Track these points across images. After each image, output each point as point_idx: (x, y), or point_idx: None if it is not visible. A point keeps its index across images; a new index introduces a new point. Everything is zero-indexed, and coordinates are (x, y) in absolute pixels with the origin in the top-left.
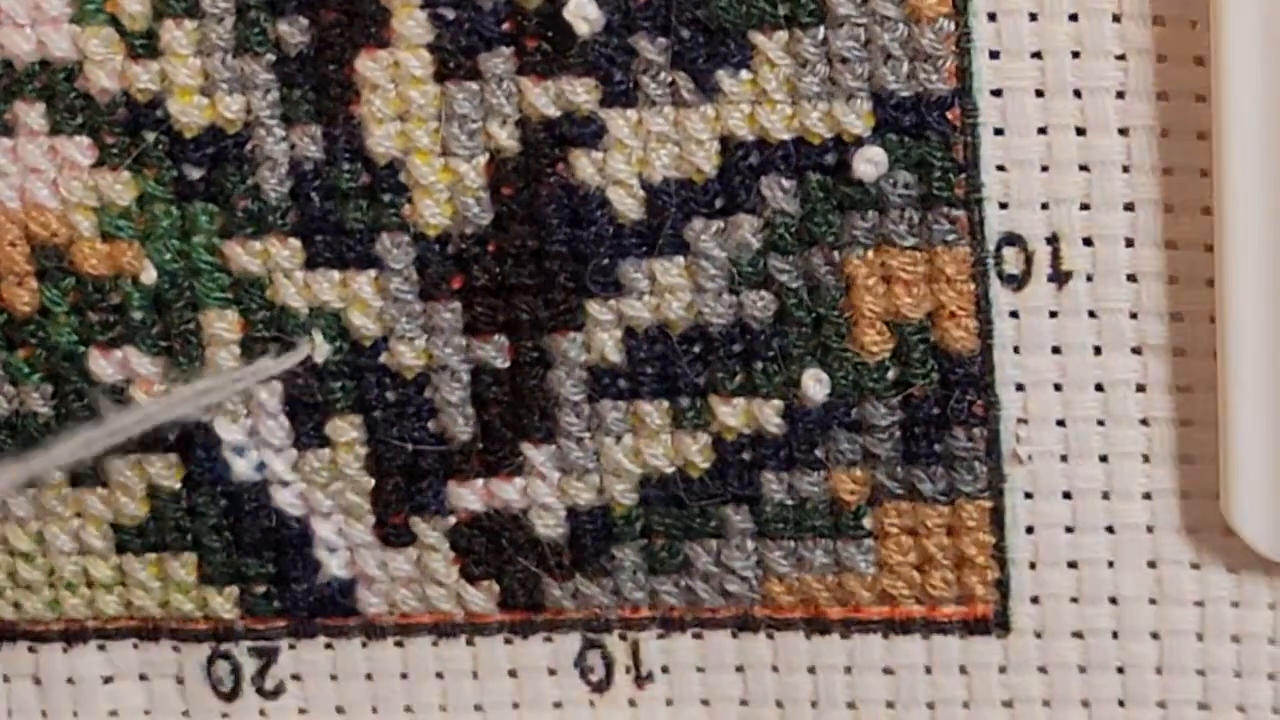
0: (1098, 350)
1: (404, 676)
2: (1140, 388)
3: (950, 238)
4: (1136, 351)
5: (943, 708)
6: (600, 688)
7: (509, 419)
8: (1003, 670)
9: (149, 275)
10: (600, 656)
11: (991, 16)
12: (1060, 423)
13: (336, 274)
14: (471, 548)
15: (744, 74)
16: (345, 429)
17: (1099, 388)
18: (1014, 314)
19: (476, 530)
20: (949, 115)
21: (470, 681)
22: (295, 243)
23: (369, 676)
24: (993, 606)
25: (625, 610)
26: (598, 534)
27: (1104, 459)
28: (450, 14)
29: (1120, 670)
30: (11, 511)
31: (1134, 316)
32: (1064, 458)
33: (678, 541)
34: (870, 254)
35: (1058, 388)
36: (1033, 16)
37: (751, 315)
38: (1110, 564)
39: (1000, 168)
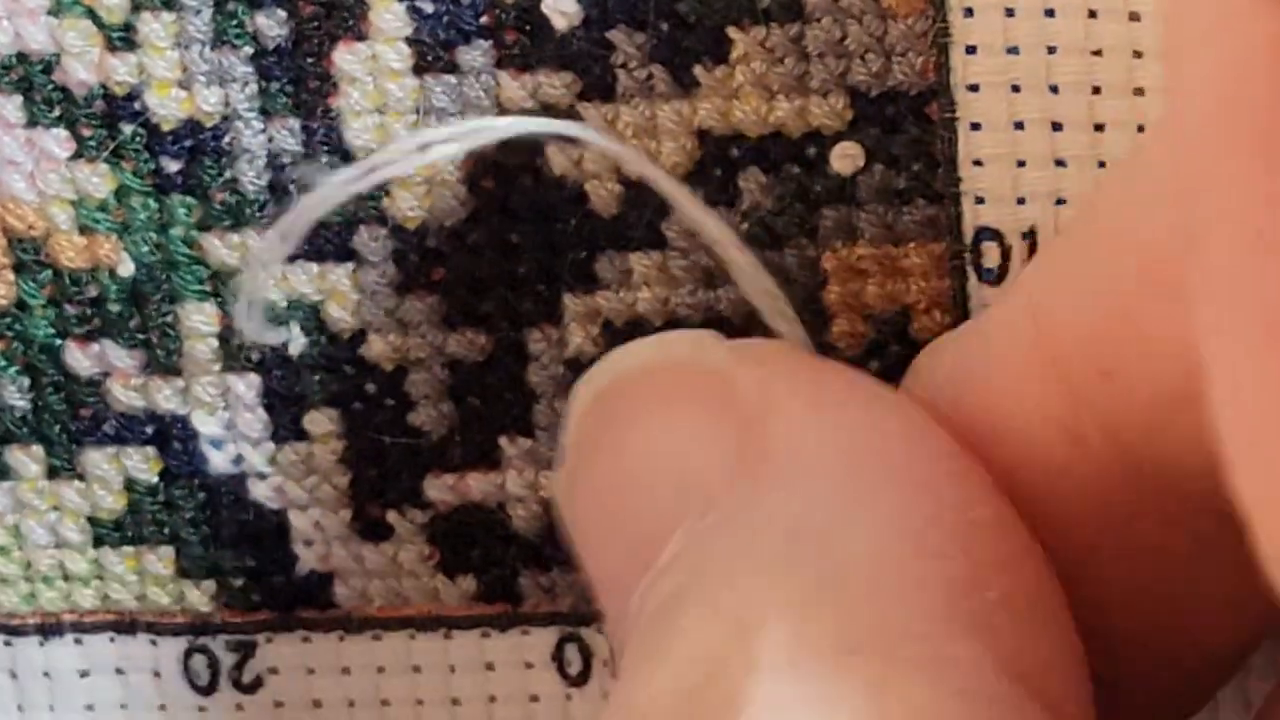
0: None
1: (380, 670)
2: None
3: (927, 233)
4: None
5: None
6: (578, 681)
7: (486, 413)
8: None
9: (126, 268)
10: (578, 649)
11: (969, 11)
12: None
13: (314, 266)
14: (449, 541)
15: (721, 68)
16: (322, 422)
17: None
18: None
19: (454, 524)
20: (926, 110)
21: (447, 675)
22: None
23: (345, 670)
24: None
25: None
26: None
27: None
28: (429, 7)
29: None
30: None
31: None
32: None
33: None
34: (846, 249)
35: None
36: (1009, 12)
37: (728, 309)
38: None
39: (977, 163)
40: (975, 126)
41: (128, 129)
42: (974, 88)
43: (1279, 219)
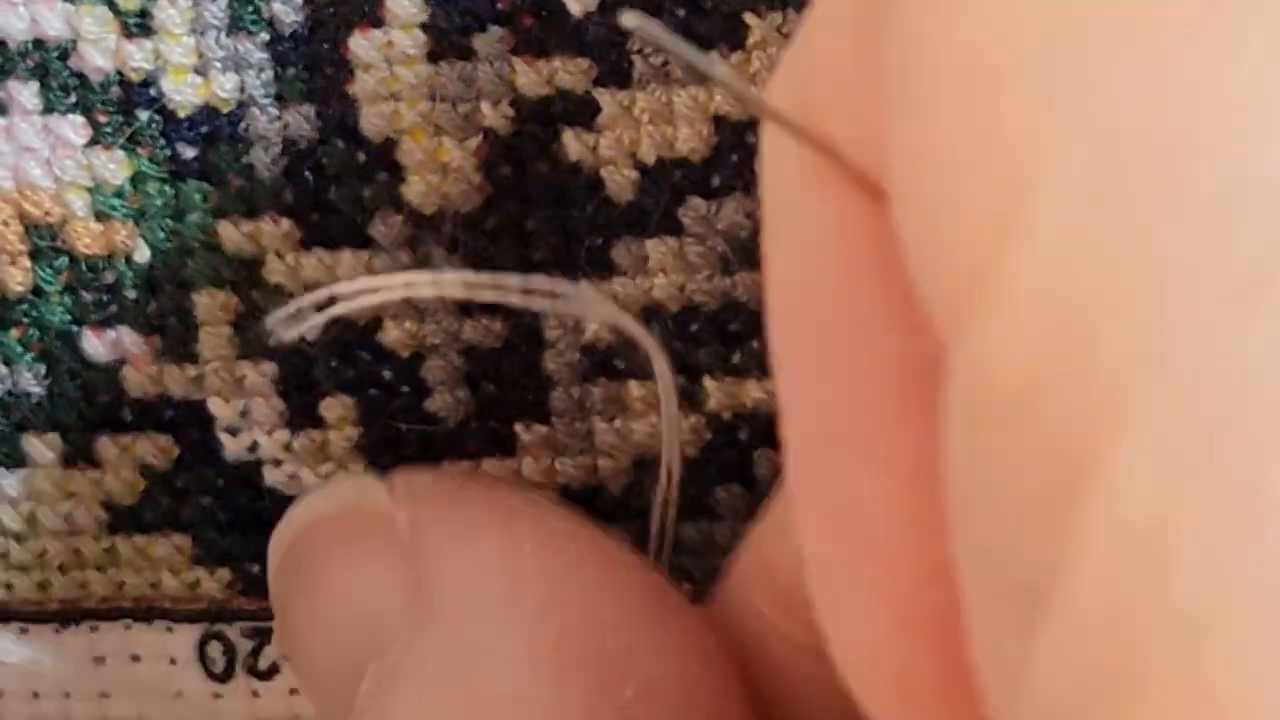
0: None
1: None
2: None
3: None
4: None
5: None
6: None
7: (502, 399)
8: None
9: (142, 254)
10: None
11: None
12: None
13: (329, 254)
14: None
15: (738, 54)
16: (338, 409)
17: None
18: None
19: None
20: None
21: None
22: (288, 222)
23: None
24: None
25: None
26: (590, 514)
27: None
28: None
29: None
30: (3, 492)
31: None
32: None
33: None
34: None
35: None
36: None
37: (744, 295)
38: None
39: None
40: None
41: (144, 115)
42: None
43: (821, 419)
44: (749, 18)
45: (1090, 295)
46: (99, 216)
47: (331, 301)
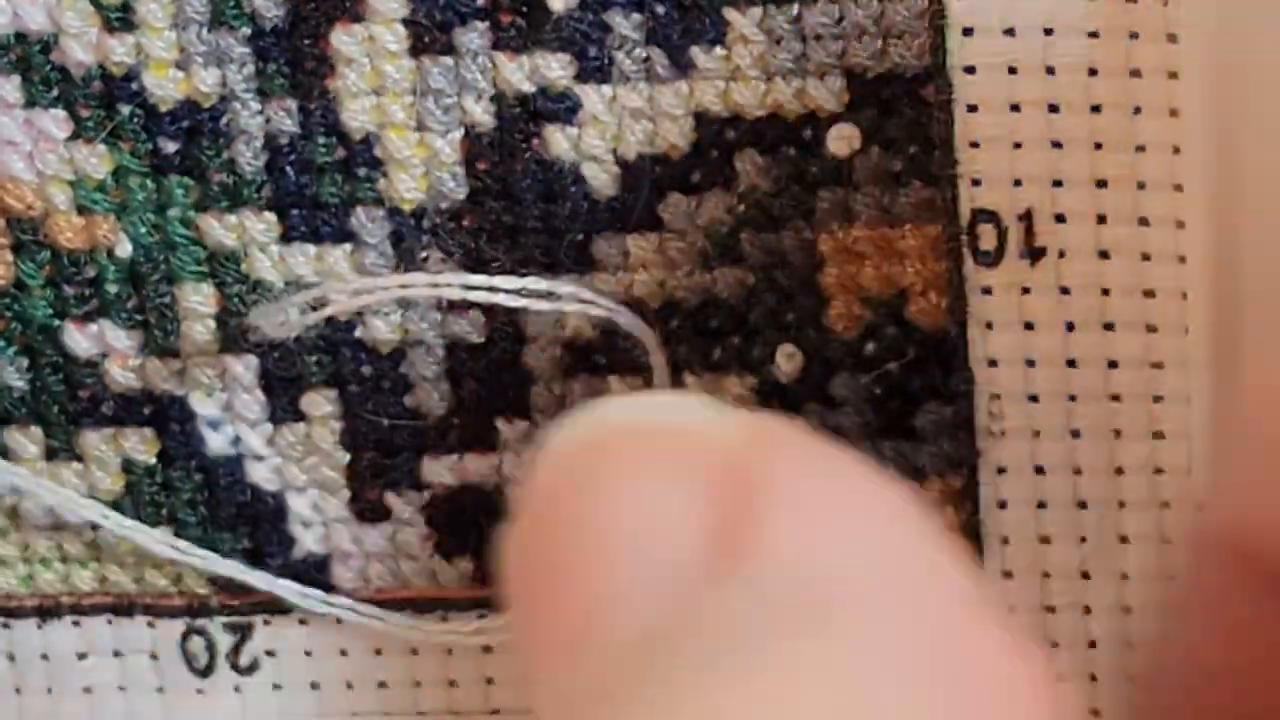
0: (1069, 326)
1: (378, 653)
2: (1112, 364)
3: (924, 215)
4: (1108, 328)
5: None
6: None
7: (484, 394)
8: None
9: (124, 249)
10: None
11: None
12: (1033, 398)
13: (312, 248)
14: (446, 523)
15: (718, 50)
16: (320, 403)
17: (1070, 363)
18: (987, 290)
19: (451, 506)
20: (922, 92)
21: (444, 657)
22: (270, 216)
23: (343, 652)
24: None
25: None
26: None
27: (1075, 434)
28: None
29: (1092, 645)
30: None
31: (1105, 293)
32: (1036, 433)
33: None
34: (843, 230)
35: (1030, 364)
36: None
37: (724, 291)
38: (1082, 539)
39: (974, 144)
40: (972, 108)
41: (125, 109)
42: (970, 69)
43: None
44: (729, 14)
45: None
46: (81, 210)
47: (324, 301)
